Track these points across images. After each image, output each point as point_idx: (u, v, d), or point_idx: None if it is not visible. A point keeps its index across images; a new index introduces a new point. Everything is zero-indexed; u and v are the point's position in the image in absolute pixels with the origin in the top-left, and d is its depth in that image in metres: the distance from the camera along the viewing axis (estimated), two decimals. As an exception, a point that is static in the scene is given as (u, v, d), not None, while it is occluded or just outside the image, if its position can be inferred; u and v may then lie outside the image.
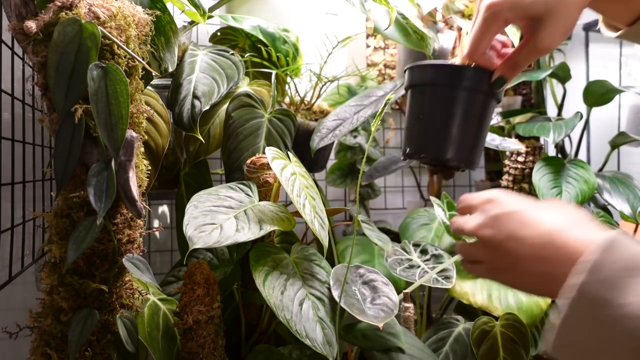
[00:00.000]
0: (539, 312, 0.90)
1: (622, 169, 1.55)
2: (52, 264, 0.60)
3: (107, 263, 0.62)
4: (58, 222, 0.59)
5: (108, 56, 0.59)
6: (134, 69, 0.62)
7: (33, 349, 0.60)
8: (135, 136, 0.61)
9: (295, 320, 0.66)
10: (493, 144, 1.13)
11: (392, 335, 0.76)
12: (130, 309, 0.66)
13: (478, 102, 0.63)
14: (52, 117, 0.58)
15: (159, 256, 1.22)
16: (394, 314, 0.72)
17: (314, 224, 0.69)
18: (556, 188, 1.18)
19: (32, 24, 0.55)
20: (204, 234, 0.65)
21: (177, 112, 0.89)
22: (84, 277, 0.60)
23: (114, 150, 0.56)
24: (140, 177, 0.65)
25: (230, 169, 0.90)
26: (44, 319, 0.60)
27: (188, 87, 0.91)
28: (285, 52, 1.10)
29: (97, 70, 0.56)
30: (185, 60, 0.96)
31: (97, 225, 0.56)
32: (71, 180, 0.59)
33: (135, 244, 0.65)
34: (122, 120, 0.56)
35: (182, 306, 0.70)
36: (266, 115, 0.95)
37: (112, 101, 0.56)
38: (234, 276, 0.82)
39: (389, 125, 1.55)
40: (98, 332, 0.62)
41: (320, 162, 1.18)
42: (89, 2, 0.58)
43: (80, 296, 0.60)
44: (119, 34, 0.60)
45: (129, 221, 0.64)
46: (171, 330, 0.72)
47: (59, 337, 0.60)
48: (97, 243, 0.60)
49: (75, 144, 0.57)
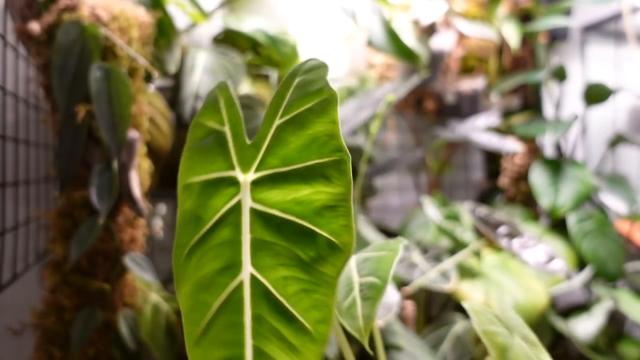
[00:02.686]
0: (535, 312, 0.91)
1: (618, 169, 1.57)
2: (55, 263, 0.61)
3: (110, 262, 0.62)
4: (61, 221, 0.60)
5: (110, 57, 0.59)
6: (136, 70, 0.63)
7: (36, 347, 0.61)
8: (137, 136, 0.61)
9: (296, 319, 0.66)
10: (491, 145, 1.14)
11: (392, 333, 0.77)
12: (133, 308, 0.67)
13: None
14: (55, 117, 0.59)
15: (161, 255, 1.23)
16: (393, 311, 0.73)
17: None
18: (553, 188, 1.19)
19: (36, 25, 0.56)
20: (205, 233, 0.65)
21: (179, 113, 0.90)
22: (87, 275, 0.61)
23: (116, 151, 0.57)
24: (142, 177, 0.66)
25: (231, 169, 0.91)
26: (47, 318, 0.60)
27: (190, 88, 0.92)
28: (285, 54, 1.11)
29: (100, 72, 0.56)
30: (187, 61, 0.96)
31: (99, 224, 0.56)
32: (74, 180, 0.60)
33: (137, 243, 0.66)
34: (124, 121, 0.57)
35: (183, 305, 0.71)
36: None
37: (114, 102, 0.56)
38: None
39: (389, 126, 1.56)
40: (100, 330, 0.63)
41: (319, 163, 1.18)
42: (92, 4, 0.59)
43: (83, 295, 0.61)
44: (121, 36, 0.60)
45: (131, 220, 0.65)
46: (173, 328, 0.73)
47: (62, 335, 0.60)
48: (100, 242, 0.61)
49: (77, 144, 0.57)
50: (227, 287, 0.28)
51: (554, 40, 1.50)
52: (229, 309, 0.28)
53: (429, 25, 1.26)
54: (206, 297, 0.29)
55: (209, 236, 0.31)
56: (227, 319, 0.28)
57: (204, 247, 0.30)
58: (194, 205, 0.32)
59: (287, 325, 0.27)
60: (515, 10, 1.46)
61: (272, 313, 0.27)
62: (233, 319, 0.28)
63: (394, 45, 1.05)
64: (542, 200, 1.18)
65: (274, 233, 0.30)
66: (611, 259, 1.11)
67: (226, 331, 0.27)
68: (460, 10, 1.41)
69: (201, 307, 0.29)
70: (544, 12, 1.37)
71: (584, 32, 1.59)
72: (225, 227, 0.31)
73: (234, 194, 0.32)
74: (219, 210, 0.31)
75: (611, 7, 1.40)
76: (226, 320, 0.27)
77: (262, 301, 0.28)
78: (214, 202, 0.32)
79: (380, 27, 1.03)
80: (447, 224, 1.00)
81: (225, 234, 0.30)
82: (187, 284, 0.30)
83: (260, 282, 0.28)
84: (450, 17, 1.29)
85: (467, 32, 1.25)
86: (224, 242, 0.30)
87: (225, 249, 0.30)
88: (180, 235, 0.32)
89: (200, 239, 0.31)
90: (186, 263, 0.31)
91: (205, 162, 0.34)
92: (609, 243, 1.13)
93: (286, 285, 0.28)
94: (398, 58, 1.05)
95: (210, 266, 0.30)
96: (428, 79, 1.29)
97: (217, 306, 0.28)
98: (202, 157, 0.34)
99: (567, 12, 1.47)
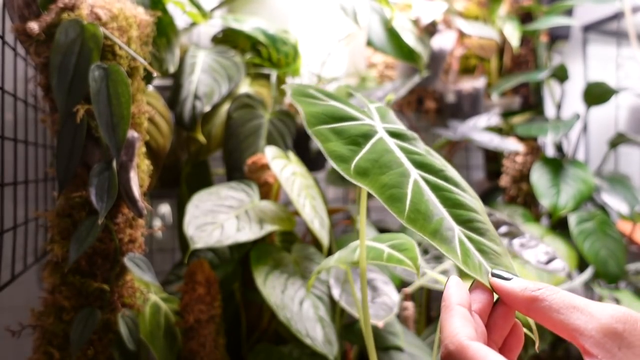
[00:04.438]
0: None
1: (619, 169, 1.56)
2: (54, 263, 0.60)
3: (109, 262, 0.62)
4: (60, 221, 0.60)
5: (110, 57, 0.59)
6: (135, 70, 0.63)
7: (35, 347, 0.61)
8: (136, 136, 0.61)
9: (296, 319, 0.66)
10: (492, 145, 1.14)
11: (392, 334, 0.77)
12: (132, 308, 0.66)
13: None
14: (54, 117, 0.59)
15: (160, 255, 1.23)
16: (393, 312, 0.73)
17: (314, 223, 0.70)
18: (554, 188, 1.19)
19: (35, 25, 0.55)
20: (204, 233, 0.65)
21: (178, 113, 0.90)
22: (86, 276, 0.61)
23: (115, 151, 0.56)
24: (141, 177, 0.66)
25: (231, 169, 0.91)
26: (46, 318, 0.60)
27: (189, 87, 0.92)
28: (285, 53, 1.10)
29: (99, 71, 0.56)
30: (187, 61, 0.96)
31: (99, 224, 0.56)
32: (73, 180, 0.59)
33: (136, 243, 0.65)
34: (124, 121, 0.56)
35: (183, 305, 0.70)
36: (266, 115, 0.96)
37: (113, 102, 0.56)
38: (234, 275, 0.83)
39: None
40: (100, 331, 0.62)
41: (320, 162, 1.18)
42: (91, 3, 0.58)
43: (82, 295, 0.61)
44: (121, 35, 0.60)
45: (131, 221, 0.64)
46: (172, 329, 0.72)
47: (61, 336, 0.60)
48: (99, 242, 0.61)
49: (77, 144, 0.57)
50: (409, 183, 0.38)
51: (555, 40, 1.50)
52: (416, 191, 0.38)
53: (430, 24, 1.25)
54: (397, 191, 0.37)
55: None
56: (416, 198, 0.37)
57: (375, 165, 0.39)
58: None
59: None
60: (516, 9, 1.46)
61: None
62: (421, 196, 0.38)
63: (395, 45, 1.05)
64: (543, 200, 1.17)
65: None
66: (612, 260, 1.10)
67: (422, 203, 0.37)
68: (460, 10, 1.41)
69: (398, 195, 0.37)
70: (545, 11, 1.37)
71: (585, 31, 1.58)
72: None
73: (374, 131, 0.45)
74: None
75: (612, 6, 1.39)
76: (417, 197, 0.37)
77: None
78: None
79: (380, 26, 1.02)
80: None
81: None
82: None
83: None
84: (451, 17, 1.29)
85: (468, 31, 1.24)
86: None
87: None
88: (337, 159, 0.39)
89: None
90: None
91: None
92: (611, 243, 1.12)
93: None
94: (398, 58, 1.05)
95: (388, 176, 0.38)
96: (429, 78, 1.29)
97: (408, 191, 0.37)
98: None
99: (569, 12, 1.47)
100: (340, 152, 0.39)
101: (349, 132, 0.41)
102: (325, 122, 0.41)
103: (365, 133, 0.42)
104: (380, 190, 0.36)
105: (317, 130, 0.40)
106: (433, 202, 0.37)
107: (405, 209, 0.36)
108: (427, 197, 0.37)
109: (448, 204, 0.37)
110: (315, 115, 0.41)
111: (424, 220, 0.35)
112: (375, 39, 1.00)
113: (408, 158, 0.40)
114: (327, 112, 0.42)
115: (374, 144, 0.41)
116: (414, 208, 0.36)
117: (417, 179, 0.38)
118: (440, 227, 0.35)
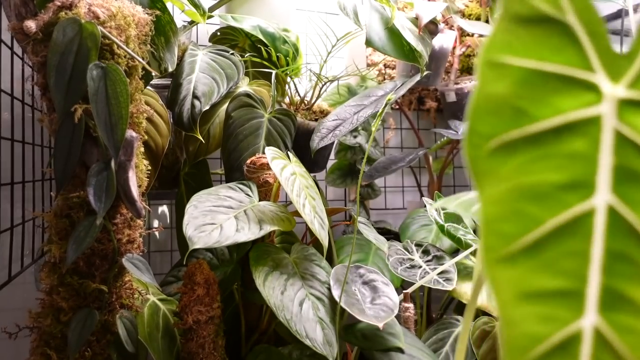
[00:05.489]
0: (539, 312, 0.90)
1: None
2: (51, 264, 0.60)
3: (107, 263, 0.62)
4: (58, 222, 0.59)
5: (108, 56, 0.58)
6: (133, 69, 0.62)
7: (33, 349, 0.60)
8: (135, 136, 0.61)
9: (296, 320, 0.66)
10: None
11: (392, 335, 0.76)
12: (130, 309, 0.66)
13: None
14: (51, 117, 0.58)
15: (159, 256, 1.22)
16: (394, 314, 0.72)
17: (313, 224, 0.69)
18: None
19: (32, 23, 0.55)
20: (204, 234, 0.64)
21: (177, 112, 0.89)
22: (84, 277, 0.60)
23: (113, 150, 0.56)
24: (140, 177, 0.65)
25: (230, 169, 0.90)
26: (44, 319, 0.60)
27: (188, 87, 0.91)
28: (285, 52, 1.10)
29: (97, 70, 0.55)
30: (185, 60, 0.95)
31: (97, 225, 0.56)
32: (71, 180, 0.59)
33: (135, 244, 0.65)
34: (122, 120, 0.56)
35: (182, 306, 0.70)
36: (266, 115, 0.95)
37: (112, 101, 0.56)
38: (234, 276, 0.82)
39: (389, 125, 1.55)
40: (98, 332, 0.62)
41: (320, 162, 1.18)
42: (89, 2, 0.58)
43: (80, 296, 0.60)
44: (119, 34, 0.60)
45: (129, 221, 0.64)
46: (171, 330, 0.72)
47: (59, 337, 0.60)
48: (97, 243, 0.60)
49: (75, 144, 0.56)
50: (572, 207, 0.24)
51: (557, 39, 1.49)
52: (572, 233, 0.24)
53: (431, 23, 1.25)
54: (535, 210, 0.24)
55: (546, 139, 0.26)
56: (567, 245, 0.23)
57: (536, 149, 0.26)
58: (512, 93, 0.26)
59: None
60: (517, 8, 1.45)
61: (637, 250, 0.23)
62: (575, 247, 0.23)
63: (395, 44, 1.04)
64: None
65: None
66: (614, 260, 1.10)
67: (565, 258, 0.23)
68: (462, 8, 1.40)
69: (524, 219, 0.24)
70: (546, 10, 1.36)
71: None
72: (574, 138, 0.26)
73: (592, 102, 0.26)
74: (564, 113, 0.26)
75: (615, 5, 1.38)
76: (566, 246, 0.23)
77: (623, 236, 0.23)
78: (557, 101, 0.26)
79: (380, 25, 1.02)
80: (449, 225, 0.99)
81: (575, 146, 0.25)
82: (496, 185, 0.25)
83: (620, 215, 0.24)
84: (452, 15, 1.28)
85: (469, 30, 1.24)
86: (573, 155, 0.25)
87: (574, 163, 0.25)
88: (480, 121, 0.26)
89: (530, 138, 0.26)
90: (497, 159, 0.25)
91: (541, 46, 0.27)
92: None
93: None
94: (399, 57, 1.04)
95: (546, 175, 0.25)
96: (429, 77, 1.28)
97: (553, 225, 0.24)
98: (534, 38, 0.27)
99: (570, 11, 1.46)
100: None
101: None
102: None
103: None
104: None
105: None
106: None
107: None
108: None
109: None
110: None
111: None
112: (375, 38, 1.00)
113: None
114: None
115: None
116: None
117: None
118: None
